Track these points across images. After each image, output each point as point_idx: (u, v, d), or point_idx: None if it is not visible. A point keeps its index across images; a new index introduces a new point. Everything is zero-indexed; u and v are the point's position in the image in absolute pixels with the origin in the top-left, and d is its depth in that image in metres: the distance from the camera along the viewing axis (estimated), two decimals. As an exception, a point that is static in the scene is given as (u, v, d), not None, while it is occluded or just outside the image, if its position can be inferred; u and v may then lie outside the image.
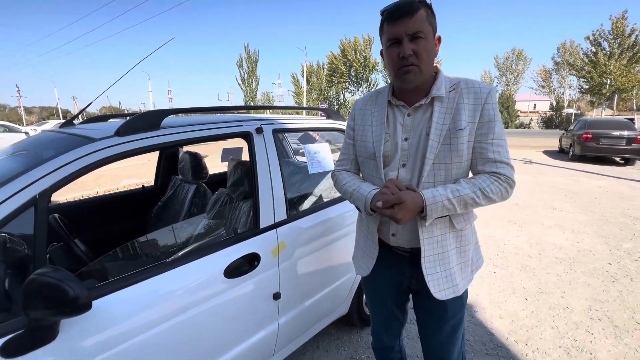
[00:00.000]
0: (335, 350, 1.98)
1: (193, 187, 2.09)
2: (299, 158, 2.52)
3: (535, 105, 49.05)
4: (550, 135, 18.55)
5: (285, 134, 2.44)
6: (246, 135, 1.41)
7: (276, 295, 1.39)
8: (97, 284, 0.99)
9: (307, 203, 1.82)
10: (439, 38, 0.97)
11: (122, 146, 1.08)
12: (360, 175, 1.20)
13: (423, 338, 1.18)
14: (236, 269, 1.25)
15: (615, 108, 27.32)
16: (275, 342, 1.45)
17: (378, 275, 1.17)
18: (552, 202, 5.08)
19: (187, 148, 2.46)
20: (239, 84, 35.46)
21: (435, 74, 1.01)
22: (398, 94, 1.05)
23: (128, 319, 1.00)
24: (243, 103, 36.31)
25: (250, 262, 1.30)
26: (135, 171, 7.53)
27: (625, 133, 8.44)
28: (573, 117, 28.47)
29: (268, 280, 1.36)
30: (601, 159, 9.25)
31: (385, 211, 0.91)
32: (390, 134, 1.04)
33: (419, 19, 0.89)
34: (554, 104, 34.72)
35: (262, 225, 1.36)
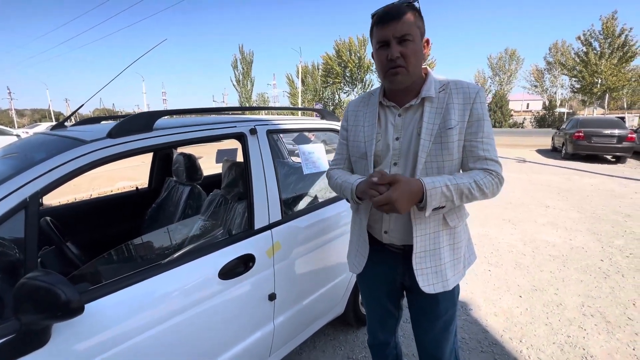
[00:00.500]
0: (331, 351, 1.98)
1: (187, 189, 2.08)
2: (294, 159, 2.52)
3: (528, 104, 49.59)
4: (543, 134, 18.74)
5: (279, 134, 2.44)
6: (240, 137, 1.41)
7: (271, 296, 1.39)
8: (90, 287, 0.98)
9: (302, 203, 1.82)
10: (427, 40, 1.00)
11: (114, 148, 1.07)
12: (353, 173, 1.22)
13: (416, 335, 1.20)
14: (231, 270, 1.24)
15: (606, 107, 27.74)
16: (271, 343, 1.45)
17: (372, 272, 1.20)
18: (545, 200, 5.14)
19: (182, 149, 2.45)
20: (233, 85, 35.29)
21: (425, 75, 1.03)
22: (389, 95, 1.08)
23: (121, 322, 0.99)
24: (238, 104, 36.18)
25: (245, 263, 1.29)
26: (129, 173, 7.47)
27: (616, 131, 8.59)
28: (565, 116, 28.79)
29: (263, 281, 1.36)
30: (593, 157, 9.37)
31: (380, 198, 0.88)
32: (381, 133, 1.06)
33: (407, 23, 0.92)
34: (547, 103, 35.09)
35: (257, 226, 1.36)
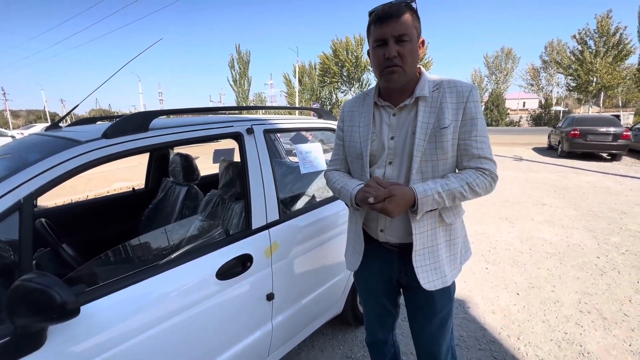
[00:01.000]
0: (330, 350, 1.98)
1: (184, 189, 2.07)
2: (292, 158, 2.52)
3: (524, 103, 49.82)
4: (540, 132, 18.85)
5: (277, 134, 2.44)
6: (237, 136, 1.41)
7: (269, 296, 1.38)
8: (86, 289, 0.97)
9: (300, 203, 1.82)
10: (422, 41, 1.01)
11: (110, 148, 1.07)
12: (350, 174, 1.23)
13: (413, 332, 1.21)
14: (229, 271, 1.24)
15: (601, 105, 27.91)
16: (269, 343, 1.44)
17: (368, 270, 1.21)
18: (542, 198, 5.17)
19: (178, 150, 2.44)
20: (230, 84, 35.13)
21: (419, 75, 1.04)
22: (384, 94, 1.09)
23: (118, 324, 0.99)
24: (235, 104, 36.03)
25: (242, 264, 1.29)
26: (126, 174, 7.43)
27: (612, 129, 8.65)
28: (561, 115, 28.97)
29: (261, 281, 1.35)
30: (589, 155, 9.43)
31: (377, 206, 0.94)
32: (376, 133, 1.08)
33: (405, 23, 0.93)
34: (543, 101, 35.32)
35: (255, 226, 1.36)
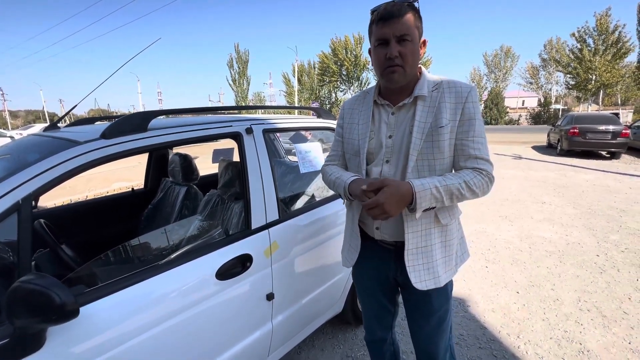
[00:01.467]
0: (330, 349, 1.98)
1: (184, 189, 2.07)
2: (291, 158, 2.51)
3: (523, 101, 49.81)
4: (539, 130, 18.86)
5: (276, 133, 2.43)
6: (236, 136, 1.40)
7: (269, 296, 1.38)
8: (85, 290, 0.97)
9: (299, 203, 1.81)
10: (424, 41, 1.01)
11: (108, 149, 1.06)
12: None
13: (411, 331, 1.21)
14: (228, 271, 1.24)
15: (600, 103, 27.91)
16: (269, 343, 1.44)
17: (365, 268, 1.21)
18: (542, 197, 5.17)
19: (177, 150, 2.43)
20: (229, 84, 35.08)
21: (419, 74, 1.04)
22: (384, 93, 1.09)
23: (118, 324, 0.99)
24: (234, 103, 35.99)
25: (242, 264, 1.29)
26: (125, 174, 7.42)
27: (611, 127, 8.64)
28: (560, 113, 28.97)
29: (261, 281, 1.35)
30: (588, 153, 9.44)
31: (370, 194, 0.92)
32: (375, 131, 1.08)
33: (407, 23, 0.92)
34: (542, 100, 35.33)
35: (254, 225, 1.35)
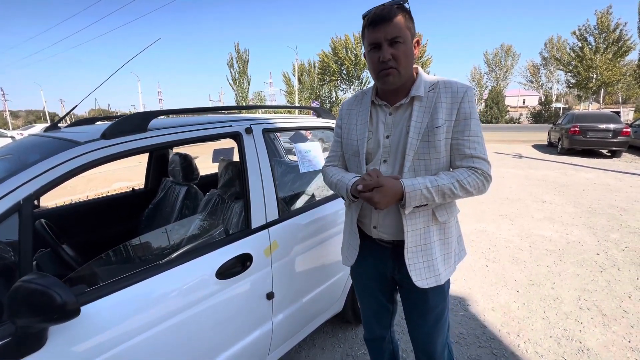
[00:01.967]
0: (330, 348, 1.99)
1: (184, 189, 2.07)
2: (291, 157, 2.52)
3: (524, 100, 49.74)
4: (540, 129, 18.82)
5: (276, 133, 2.44)
6: (236, 136, 1.41)
7: (269, 295, 1.39)
8: (86, 289, 0.98)
9: (299, 202, 1.82)
10: (417, 41, 1.01)
11: (109, 149, 1.07)
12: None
13: (409, 329, 1.22)
14: (228, 270, 1.24)
15: (601, 102, 27.87)
16: (270, 342, 1.45)
17: (363, 267, 1.22)
18: (542, 196, 5.17)
19: (178, 149, 2.44)
20: (230, 83, 35.05)
21: (416, 75, 1.05)
22: (381, 94, 1.10)
23: (119, 324, 0.99)
24: (234, 103, 35.95)
25: (242, 263, 1.29)
26: (126, 174, 7.43)
27: (612, 126, 8.62)
28: (561, 111, 28.94)
29: (261, 280, 1.36)
30: (589, 151, 9.43)
31: (365, 194, 0.95)
32: (373, 132, 1.09)
33: (397, 25, 0.93)
34: (543, 98, 35.26)
35: (254, 225, 1.36)
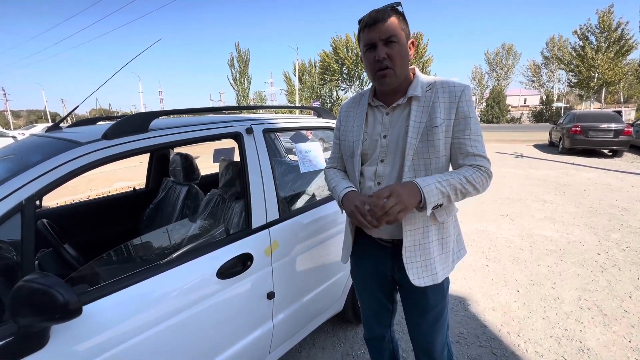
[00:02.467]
0: (331, 347, 1.99)
1: (185, 189, 2.08)
2: (292, 157, 2.52)
3: (525, 99, 49.63)
4: (541, 129, 18.79)
5: (276, 133, 2.44)
6: (236, 136, 1.41)
7: (270, 295, 1.39)
8: (88, 289, 0.98)
9: (300, 202, 1.82)
10: (412, 42, 1.03)
11: (110, 149, 1.07)
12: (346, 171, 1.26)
13: (409, 328, 1.23)
14: (229, 270, 1.25)
15: (603, 101, 27.79)
16: (270, 342, 1.45)
17: (363, 266, 1.23)
18: (543, 195, 5.16)
19: (178, 149, 2.44)
20: (230, 83, 35.03)
21: (413, 75, 1.07)
22: (379, 95, 1.12)
23: (120, 323, 1.00)
24: (235, 103, 35.95)
25: (243, 263, 1.30)
26: (127, 174, 7.44)
27: (613, 126, 8.61)
28: (562, 111, 28.86)
29: (261, 280, 1.36)
30: (590, 151, 9.41)
31: (383, 202, 0.87)
32: (369, 132, 1.10)
33: (391, 25, 0.95)
34: (544, 98, 35.19)
35: (255, 225, 1.36)
